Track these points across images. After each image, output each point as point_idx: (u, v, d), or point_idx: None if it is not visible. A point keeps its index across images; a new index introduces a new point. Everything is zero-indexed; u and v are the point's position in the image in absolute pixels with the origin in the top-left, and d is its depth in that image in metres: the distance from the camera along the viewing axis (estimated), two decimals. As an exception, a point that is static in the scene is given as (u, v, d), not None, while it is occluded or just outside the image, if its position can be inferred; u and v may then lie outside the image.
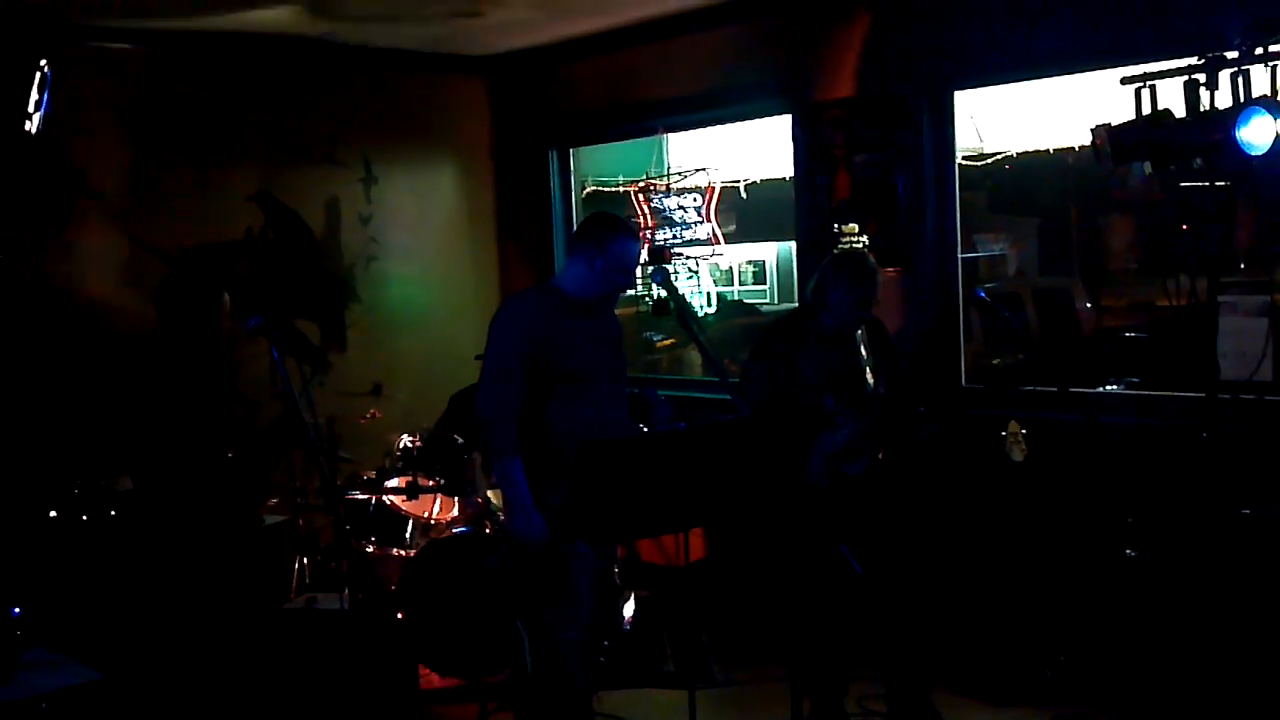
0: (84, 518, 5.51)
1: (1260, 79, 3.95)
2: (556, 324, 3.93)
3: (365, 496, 5.82)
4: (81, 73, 5.98)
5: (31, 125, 4.11)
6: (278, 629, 4.98)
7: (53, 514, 5.51)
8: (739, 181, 7.20)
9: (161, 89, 6.47)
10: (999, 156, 6.07)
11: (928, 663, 4.69)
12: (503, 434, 3.88)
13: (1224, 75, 3.98)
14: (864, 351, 4.63)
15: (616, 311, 4.29)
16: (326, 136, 7.11)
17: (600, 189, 7.61)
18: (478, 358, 6.04)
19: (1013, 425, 4.63)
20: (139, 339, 4.74)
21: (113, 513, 5.57)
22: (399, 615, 5.27)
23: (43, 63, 4.07)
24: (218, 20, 6.16)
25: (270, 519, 5.82)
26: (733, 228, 7.46)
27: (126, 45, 6.31)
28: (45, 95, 4.11)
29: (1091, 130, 4.23)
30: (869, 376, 4.61)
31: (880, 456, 4.67)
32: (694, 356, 7.83)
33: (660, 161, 7.29)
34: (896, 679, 4.67)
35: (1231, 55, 3.98)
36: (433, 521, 5.84)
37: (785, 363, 4.56)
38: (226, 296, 4.68)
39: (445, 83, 7.65)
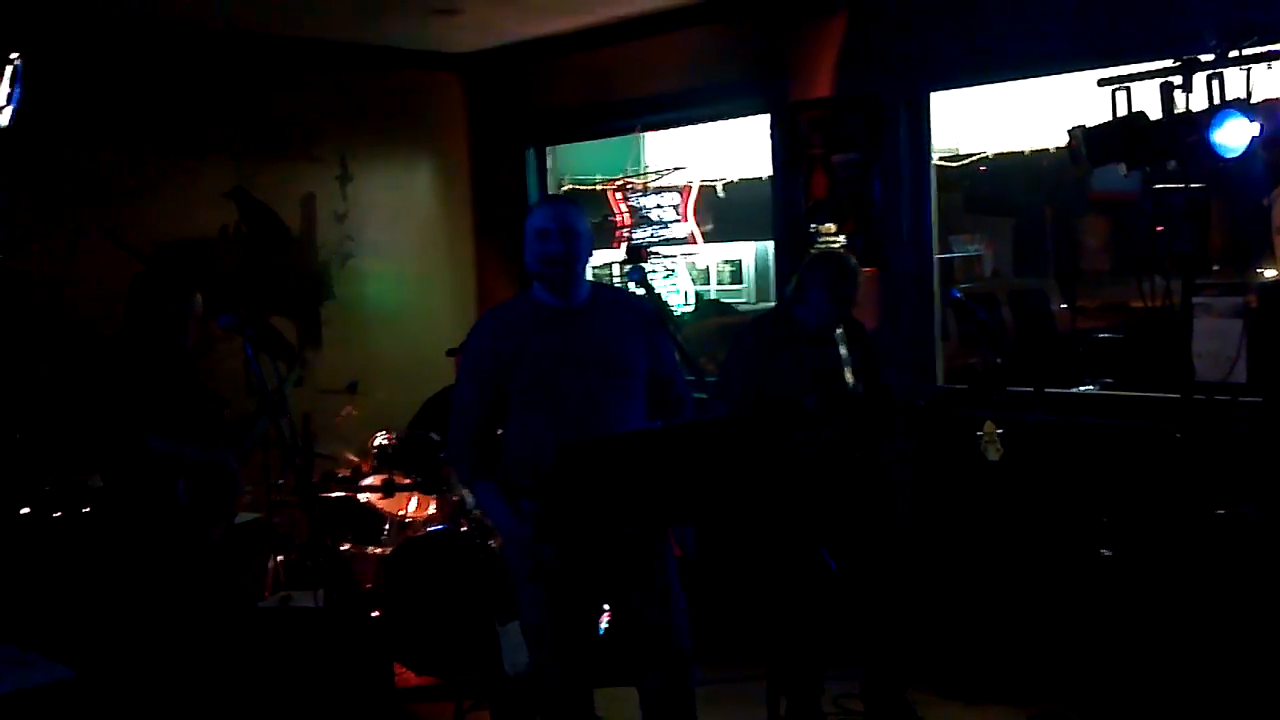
0: (56, 515, 5.47)
1: (1235, 82, 3.97)
2: (523, 336, 3.66)
3: (341, 494, 5.79)
4: (56, 66, 5.93)
5: (2, 118, 4.06)
6: (253, 627, 4.96)
7: (25, 511, 5.47)
8: (716, 181, 7.21)
9: (137, 83, 6.43)
10: (975, 157, 6.10)
11: (904, 661, 4.71)
12: (464, 461, 3.74)
13: (1199, 78, 4.00)
14: (843, 351, 4.64)
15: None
16: (303, 133, 7.08)
17: (577, 187, 7.61)
18: (449, 353, 6.08)
19: (988, 425, 4.65)
20: (110, 335, 4.68)
21: (85, 510, 5.53)
22: (375, 613, 5.26)
23: (14, 55, 4.03)
24: (194, 14, 6.13)
25: (245, 517, 5.79)
26: (710, 227, 7.46)
27: (101, 38, 6.27)
28: (17, 88, 4.06)
29: (1068, 132, 4.25)
30: (848, 376, 4.62)
31: (856, 455, 4.68)
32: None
33: (638, 160, 7.29)
34: (873, 677, 4.69)
35: (1207, 58, 4.01)
36: (409, 520, 5.82)
37: (764, 360, 4.57)
38: (199, 296, 4.61)
39: (422, 80, 7.63)
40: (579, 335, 3.70)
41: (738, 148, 7.02)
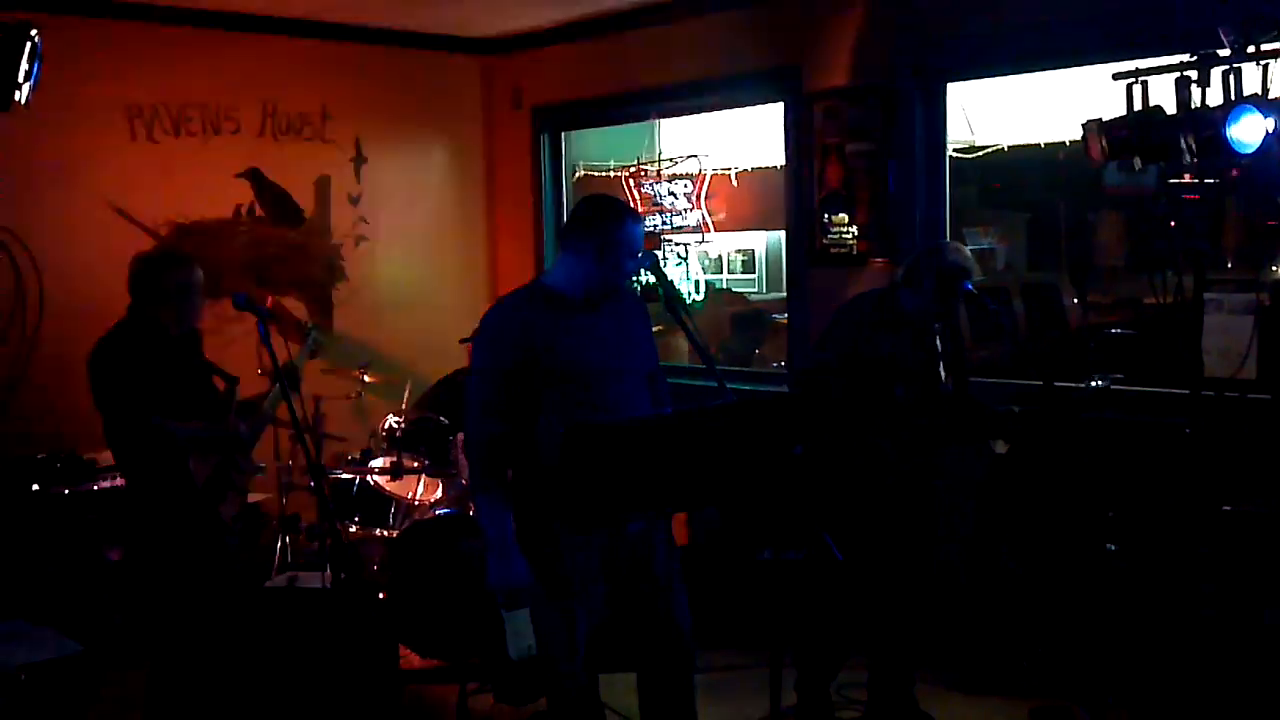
0: (65, 491, 5.50)
1: (1251, 77, 3.95)
2: (546, 330, 3.53)
3: (349, 476, 5.81)
4: (72, 44, 5.95)
5: (21, 95, 4.06)
6: (259, 607, 4.98)
7: (34, 487, 5.50)
8: (730, 169, 7.20)
9: (152, 62, 6.45)
10: (990, 149, 6.08)
11: (912, 654, 4.68)
12: (480, 465, 3.57)
13: (1215, 73, 3.97)
14: (940, 346, 4.56)
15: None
16: (318, 115, 7.10)
17: (591, 174, 7.61)
18: (462, 341, 6.08)
19: (996, 417, 4.64)
20: (120, 314, 4.70)
21: (94, 487, 5.56)
22: (381, 595, 5.28)
23: (33, 32, 4.03)
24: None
25: (254, 497, 5.81)
26: (722, 215, 7.46)
27: (118, 18, 6.29)
28: (35, 66, 4.06)
29: (1083, 125, 4.23)
30: (941, 371, 4.53)
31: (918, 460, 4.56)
32: (681, 343, 7.83)
33: (652, 147, 7.29)
34: (882, 671, 4.67)
35: (1223, 53, 3.98)
36: (416, 502, 5.84)
37: (863, 340, 4.45)
38: (200, 273, 4.60)
39: (438, 63, 7.64)
40: (604, 329, 3.65)
41: (752, 136, 7.02)
